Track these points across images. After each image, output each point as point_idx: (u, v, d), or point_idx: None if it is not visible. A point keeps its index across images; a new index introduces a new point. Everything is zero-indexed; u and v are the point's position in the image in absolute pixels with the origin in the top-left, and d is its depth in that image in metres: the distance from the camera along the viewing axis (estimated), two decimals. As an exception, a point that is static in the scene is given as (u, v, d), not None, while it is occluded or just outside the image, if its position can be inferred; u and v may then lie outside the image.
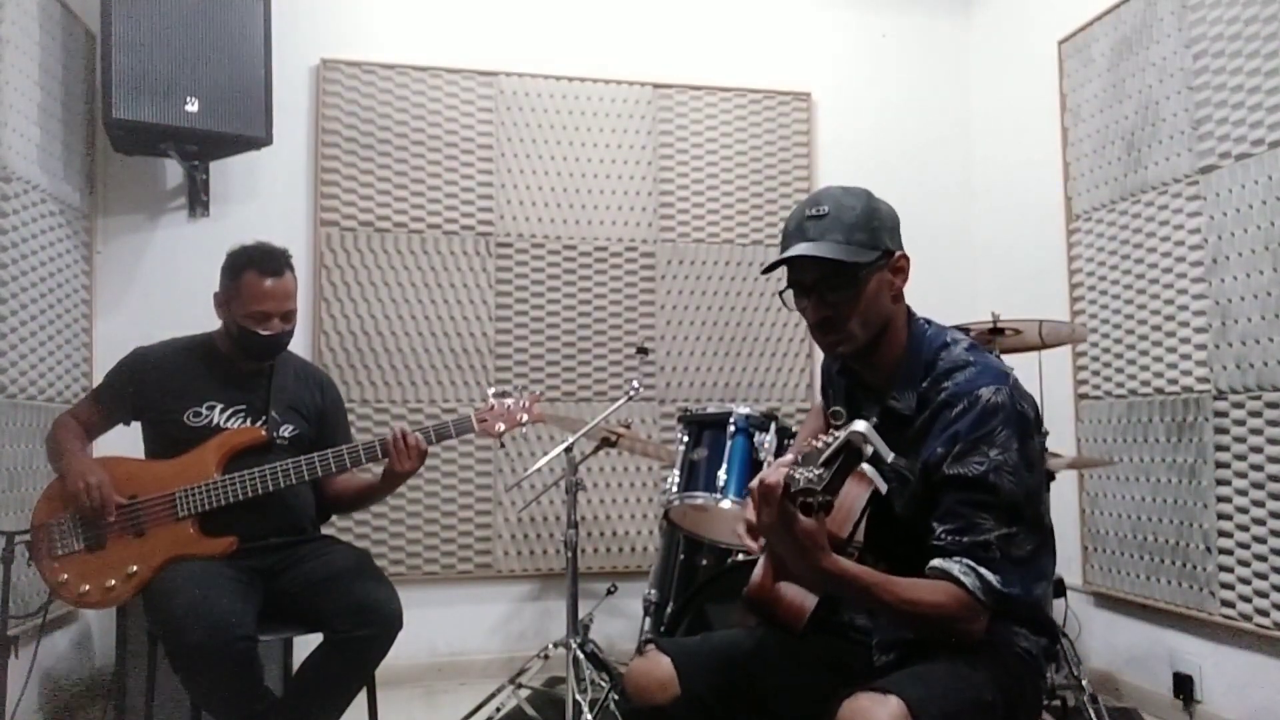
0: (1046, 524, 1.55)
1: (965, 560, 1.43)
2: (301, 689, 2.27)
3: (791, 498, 1.33)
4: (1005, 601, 1.44)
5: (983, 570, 1.42)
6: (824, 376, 1.89)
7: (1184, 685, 2.98)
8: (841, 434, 1.36)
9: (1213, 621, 2.89)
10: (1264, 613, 2.70)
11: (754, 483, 1.49)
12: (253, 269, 2.36)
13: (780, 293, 1.65)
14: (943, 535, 1.46)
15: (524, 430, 2.57)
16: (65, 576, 2.23)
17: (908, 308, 1.65)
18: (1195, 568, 2.94)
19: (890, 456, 1.37)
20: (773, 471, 1.40)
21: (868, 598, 1.43)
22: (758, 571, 1.58)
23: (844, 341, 1.58)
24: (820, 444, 1.38)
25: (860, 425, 1.35)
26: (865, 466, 1.37)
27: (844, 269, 1.53)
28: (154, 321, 2.86)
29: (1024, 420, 1.49)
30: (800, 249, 1.55)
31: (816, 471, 1.32)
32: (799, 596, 1.53)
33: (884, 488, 1.37)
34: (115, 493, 2.24)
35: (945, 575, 1.43)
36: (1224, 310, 2.84)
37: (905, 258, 1.59)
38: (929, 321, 1.65)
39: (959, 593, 1.41)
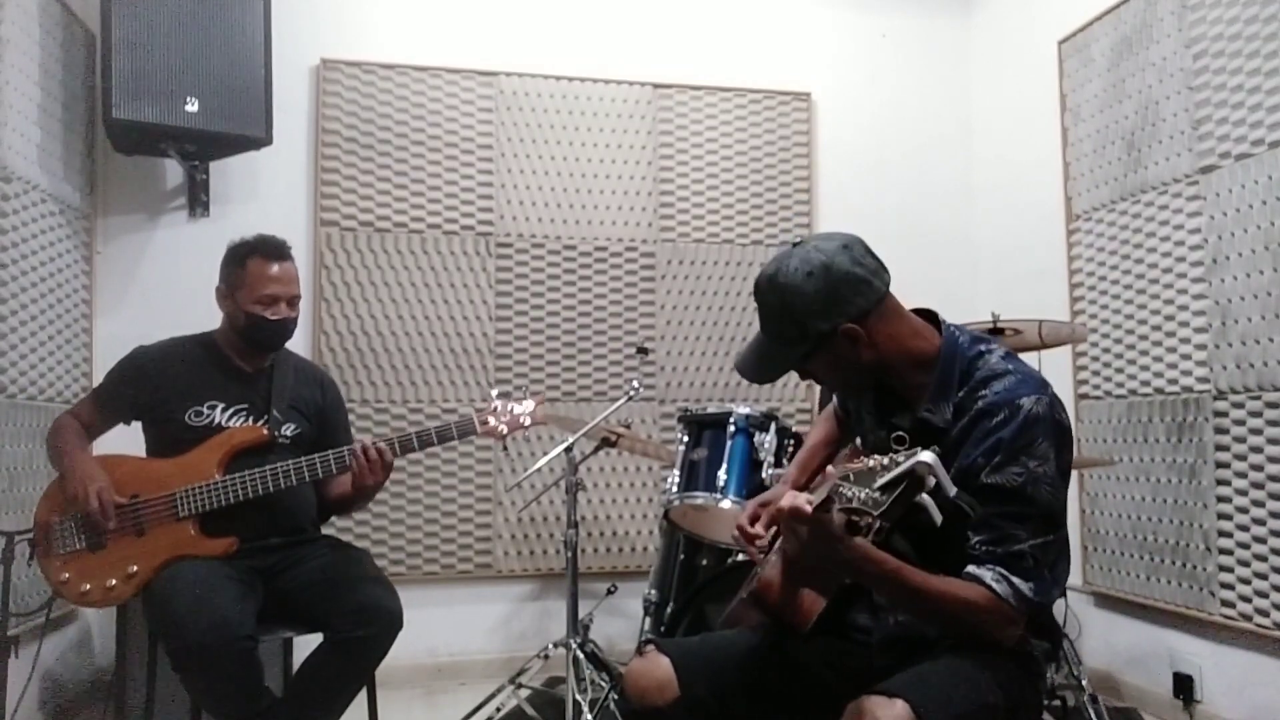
0: (1065, 531, 1.55)
1: (998, 569, 1.42)
2: (301, 689, 2.27)
3: (826, 508, 1.31)
4: (1037, 609, 1.44)
5: (1015, 579, 1.42)
6: None
7: (1184, 685, 2.98)
8: (906, 462, 1.27)
9: (1213, 621, 2.89)
10: (1264, 613, 2.70)
11: (764, 511, 1.54)
12: (258, 255, 2.40)
13: None
14: (977, 545, 1.45)
15: (525, 430, 2.56)
16: (67, 576, 2.23)
17: (933, 314, 1.62)
18: (1195, 568, 2.94)
19: (953, 492, 1.29)
20: (791, 498, 1.39)
21: (895, 582, 1.41)
22: (768, 570, 1.58)
23: (846, 396, 1.61)
24: (875, 465, 1.32)
25: (927, 456, 1.26)
26: (924, 496, 1.28)
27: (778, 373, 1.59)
28: (154, 321, 2.85)
29: (1062, 431, 1.49)
30: (740, 360, 1.63)
31: (874, 495, 1.28)
32: (810, 598, 1.52)
33: (939, 520, 1.29)
34: (116, 493, 2.24)
35: (977, 581, 1.43)
36: (1224, 310, 2.84)
37: (852, 328, 1.50)
38: (960, 329, 1.61)
39: (991, 597, 1.41)
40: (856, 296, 1.50)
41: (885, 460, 1.31)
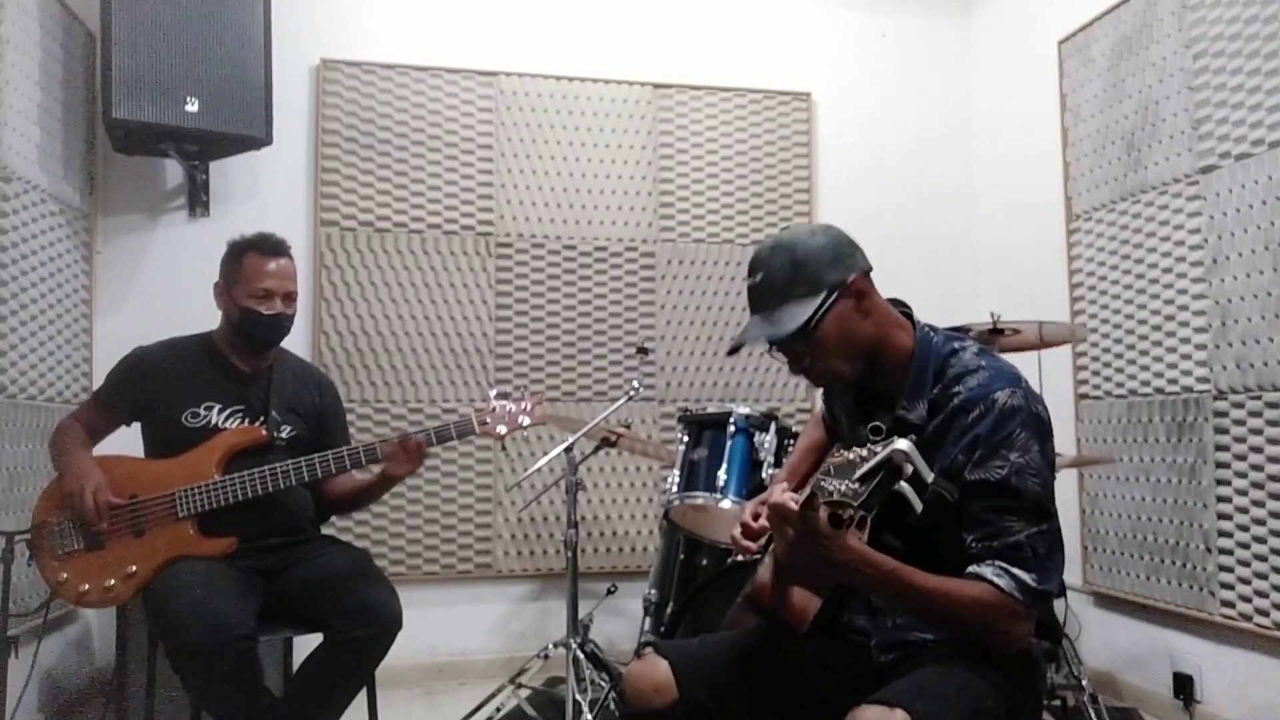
0: (1057, 521, 1.55)
1: (998, 563, 1.42)
2: (301, 689, 2.27)
3: (812, 505, 1.31)
4: (1043, 599, 1.43)
5: (1016, 570, 1.41)
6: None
7: (1184, 685, 2.98)
8: (882, 451, 1.30)
9: (1213, 621, 2.88)
10: (1264, 613, 2.70)
11: (764, 508, 1.53)
12: (254, 250, 2.42)
13: (767, 351, 1.64)
14: (973, 544, 1.44)
15: (524, 431, 2.56)
16: (65, 576, 2.23)
17: (908, 314, 1.64)
18: (1195, 568, 2.94)
19: (930, 477, 1.31)
20: (777, 494, 1.39)
21: (895, 584, 1.40)
22: (763, 572, 1.58)
23: (834, 381, 1.59)
24: (854, 457, 1.33)
25: (903, 444, 1.28)
26: (903, 485, 1.31)
27: (794, 331, 1.53)
28: (154, 321, 2.86)
29: (1041, 422, 1.49)
30: (748, 330, 1.58)
31: (853, 486, 1.28)
32: (803, 598, 1.52)
33: (919, 507, 1.31)
34: (114, 493, 2.25)
35: (979, 579, 1.41)
36: (1224, 310, 2.84)
37: (860, 278, 1.55)
38: (933, 328, 1.63)
39: (995, 592, 1.40)
40: (856, 254, 1.58)
41: (864, 452, 1.32)
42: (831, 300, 1.53)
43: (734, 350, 1.63)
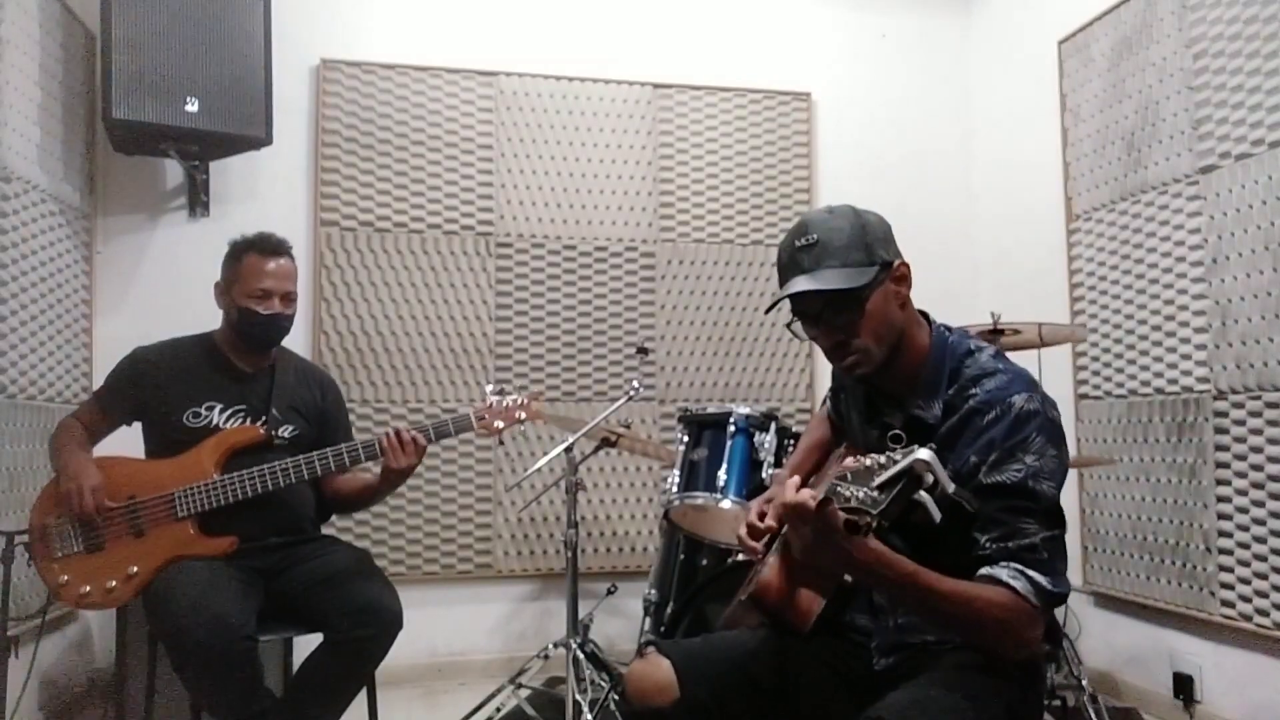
0: (1065, 528, 1.54)
1: (1012, 565, 1.40)
2: (301, 689, 2.27)
3: (825, 507, 1.30)
4: (1057, 602, 1.43)
5: (1031, 573, 1.39)
6: (835, 381, 1.87)
7: (1184, 685, 2.98)
8: (904, 459, 1.27)
9: (1213, 621, 2.88)
10: (1264, 613, 2.70)
11: (770, 506, 1.54)
12: (254, 250, 2.43)
13: (789, 325, 1.62)
14: (987, 545, 1.43)
15: (523, 429, 2.57)
16: (66, 578, 2.23)
17: (925, 314, 1.63)
18: (1195, 568, 2.94)
19: (951, 488, 1.29)
20: (794, 493, 1.38)
21: (912, 587, 1.39)
22: (767, 571, 1.58)
23: (861, 363, 1.54)
24: (872, 463, 1.32)
25: (925, 453, 1.27)
26: (922, 494, 1.28)
27: (846, 293, 1.50)
28: (154, 321, 2.86)
29: (1055, 427, 1.48)
30: (798, 284, 1.52)
31: (872, 494, 1.27)
32: (808, 598, 1.52)
33: (938, 517, 1.28)
34: (113, 494, 2.24)
35: (994, 581, 1.40)
36: (1224, 310, 2.84)
37: (905, 265, 1.56)
38: (949, 328, 1.63)
39: (1012, 595, 1.39)
40: (896, 243, 1.58)
41: (882, 459, 1.31)
42: (882, 276, 1.52)
43: (772, 308, 1.60)
